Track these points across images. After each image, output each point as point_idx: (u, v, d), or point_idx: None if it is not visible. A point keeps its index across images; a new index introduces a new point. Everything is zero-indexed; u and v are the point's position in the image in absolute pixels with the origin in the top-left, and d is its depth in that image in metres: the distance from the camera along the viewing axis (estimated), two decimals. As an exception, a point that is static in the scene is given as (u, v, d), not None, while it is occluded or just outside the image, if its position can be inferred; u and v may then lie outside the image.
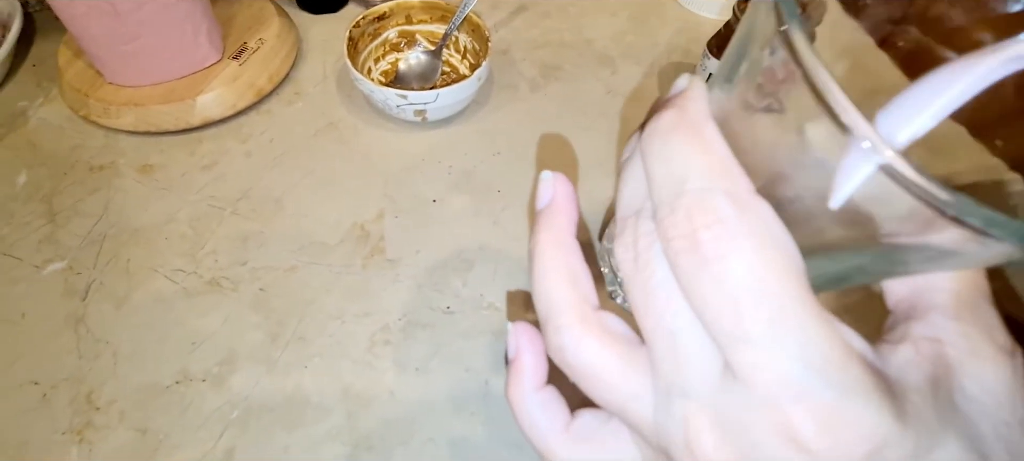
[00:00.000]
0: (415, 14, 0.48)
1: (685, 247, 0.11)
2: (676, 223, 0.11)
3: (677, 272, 0.11)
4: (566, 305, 0.14)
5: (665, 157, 0.12)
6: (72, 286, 0.37)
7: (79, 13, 0.38)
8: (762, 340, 0.10)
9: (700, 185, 0.11)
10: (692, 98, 0.12)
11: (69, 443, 0.31)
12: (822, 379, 0.10)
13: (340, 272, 0.38)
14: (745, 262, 0.10)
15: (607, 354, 0.13)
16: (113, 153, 0.43)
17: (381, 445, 0.31)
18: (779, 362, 0.10)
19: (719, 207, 0.11)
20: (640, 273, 0.12)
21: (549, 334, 0.14)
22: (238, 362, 0.34)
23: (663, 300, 0.12)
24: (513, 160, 0.44)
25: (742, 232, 0.11)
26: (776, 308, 0.10)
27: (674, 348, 0.12)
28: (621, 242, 0.13)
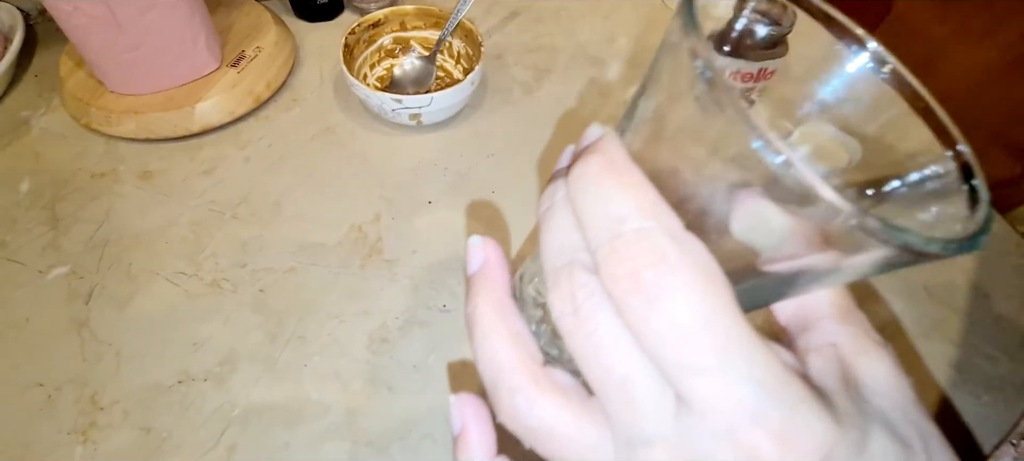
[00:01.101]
0: (409, 21, 0.49)
1: (631, 287, 0.11)
2: (619, 263, 0.11)
3: (625, 313, 0.11)
4: (514, 367, 0.13)
5: (599, 200, 0.12)
6: (75, 290, 0.37)
7: (81, 24, 0.39)
8: (714, 369, 0.11)
9: (637, 225, 0.11)
10: (612, 144, 0.12)
11: (74, 443, 0.32)
12: (772, 398, 0.11)
13: (338, 273, 0.38)
14: (689, 296, 0.11)
15: (561, 411, 0.13)
16: (114, 160, 0.44)
17: (380, 441, 0.32)
18: (733, 388, 0.11)
19: (659, 245, 0.11)
20: (583, 325, 0.12)
21: (501, 398, 0.14)
22: (239, 362, 0.35)
23: (610, 349, 0.12)
24: (507, 162, 0.45)
25: (683, 267, 0.11)
26: (723, 337, 0.11)
27: (627, 395, 0.12)
28: (557, 295, 0.13)
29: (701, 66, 0.10)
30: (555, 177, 0.14)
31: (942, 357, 0.36)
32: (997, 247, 0.42)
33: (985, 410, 0.34)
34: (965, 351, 0.37)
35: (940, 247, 0.10)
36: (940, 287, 0.39)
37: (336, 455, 0.32)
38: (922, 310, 0.38)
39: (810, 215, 0.10)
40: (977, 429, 0.34)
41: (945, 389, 0.35)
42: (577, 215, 0.12)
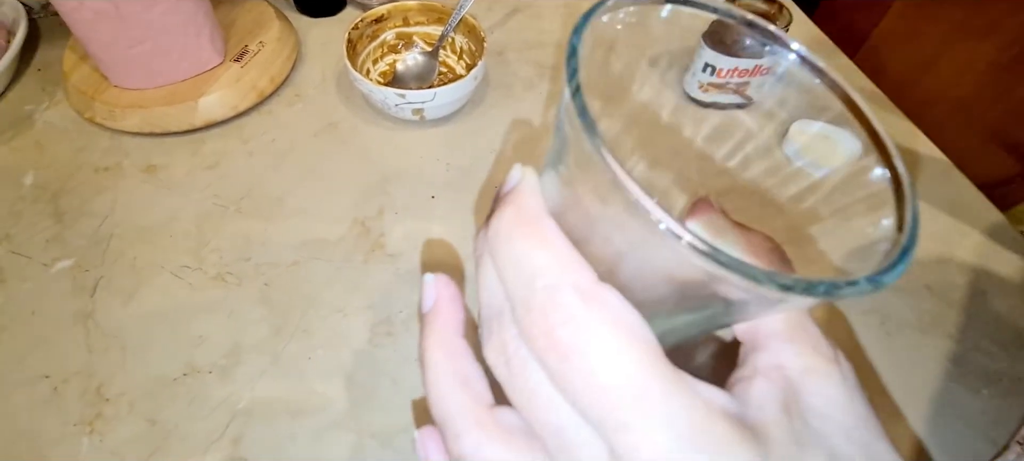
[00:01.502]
0: (412, 16, 0.49)
1: (546, 346, 0.11)
2: (533, 323, 0.11)
3: (546, 371, 0.12)
4: (460, 411, 0.14)
5: (512, 260, 0.12)
6: (80, 283, 0.37)
7: (86, 18, 0.39)
8: (633, 422, 0.11)
9: (548, 282, 0.11)
10: (526, 193, 0.13)
11: (80, 434, 0.32)
12: (692, 446, 0.11)
13: (342, 267, 0.39)
14: (602, 351, 0.11)
15: (508, 451, 0.13)
16: (118, 154, 0.44)
17: (384, 433, 0.32)
18: (652, 440, 0.11)
19: (569, 303, 0.11)
20: (515, 377, 0.12)
21: (449, 442, 0.14)
22: (243, 354, 0.35)
23: (543, 399, 0.12)
24: (509, 157, 0.45)
25: (594, 322, 0.11)
26: (638, 388, 0.11)
27: (563, 443, 0.12)
28: (490, 347, 0.13)
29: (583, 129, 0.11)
30: (485, 224, 0.14)
31: (941, 352, 0.37)
32: (995, 245, 0.42)
33: (983, 404, 0.35)
34: (964, 347, 0.37)
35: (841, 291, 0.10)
36: (940, 284, 0.40)
37: (341, 447, 0.32)
38: (922, 306, 0.39)
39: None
40: (976, 423, 0.34)
41: (944, 383, 0.36)
42: (496, 269, 0.13)
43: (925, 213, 0.44)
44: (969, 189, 0.45)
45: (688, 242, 0.10)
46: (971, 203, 0.45)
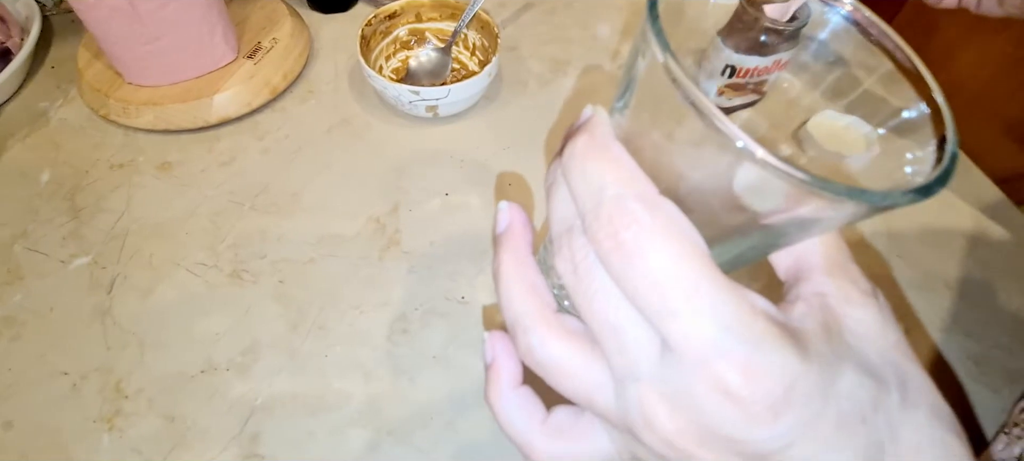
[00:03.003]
0: (425, 12, 0.49)
1: (612, 247, 0.13)
2: (601, 228, 0.13)
3: (609, 270, 0.13)
4: (530, 311, 0.15)
5: (584, 175, 0.14)
6: (98, 280, 0.38)
7: (101, 16, 0.39)
8: (684, 312, 0.12)
9: (615, 192, 0.13)
10: (597, 124, 0.14)
11: (100, 430, 0.32)
12: (735, 336, 0.12)
13: (357, 264, 0.39)
14: (661, 252, 0.12)
15: (570, 350, 0.15)
16: (133, 151, 0.44)
17: (402, 430, 0.32)
18: (701, 328, 0.12)
19: (634, 210, 0.13)
20: (581, 282, 0.14)
21: (518, 338, 0.15)
22: (261, 351, 0.35)
23: (603, 301, 0.13)
24: (523, 154, 0.45)
25: (655, 228, 0.12)
26: (691, 285, 0.12)
27: (619, 340, 0.13)
28: (560, 258, 0.14)
29: (663, 58, 0.12)
30: (556, 156, 0.16)
31: (961, 350, 0.37)
32: (1013, 240, 0.42)
33: (1004, 403, 0.34)
34: (983, 344, 0.37)
35: (894, 199, 0.12)
36: (959, 281, 0.39)
37: (358, 443, 0.32)
38: (941, 304, 0.38)
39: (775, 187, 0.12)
40: (997, 422, 0.34)
41: (964, 381, 0.35)
42: (569, 189, 0.14)
43: (943, 209, 0.43)
44: (987, 184, 0.45)
45: (762, 156, 0.11)
46: (989, 199, 0.44)
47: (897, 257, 0.40)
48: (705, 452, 0.13)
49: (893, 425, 0.14)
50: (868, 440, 0.13)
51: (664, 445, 0.14)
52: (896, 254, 0.41)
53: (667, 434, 0.13)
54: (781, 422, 0.12)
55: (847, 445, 0.13)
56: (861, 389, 0.13)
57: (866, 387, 0.13)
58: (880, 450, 0.13)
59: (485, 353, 0.18)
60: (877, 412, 0.13)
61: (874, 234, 0.42)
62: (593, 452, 0.16)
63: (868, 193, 0.11)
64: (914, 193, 0.12)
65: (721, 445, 0.13)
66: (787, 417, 0.12)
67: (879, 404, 0.13)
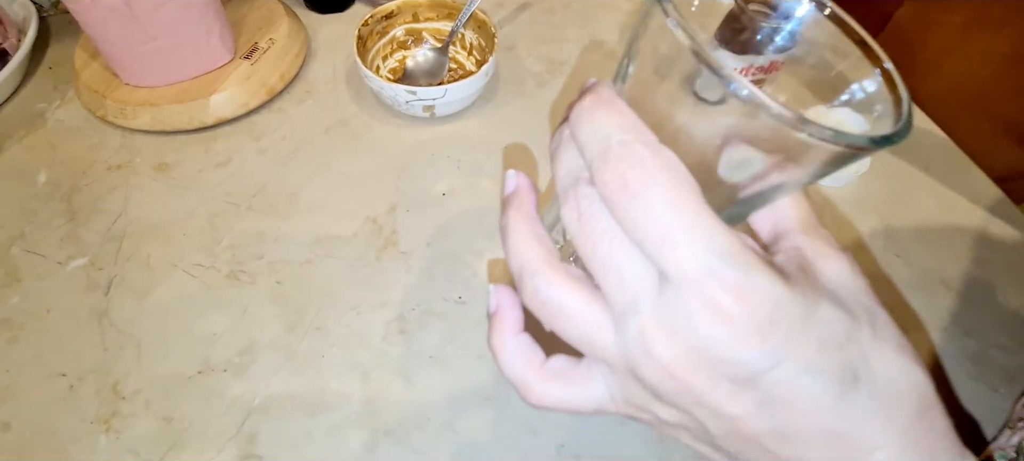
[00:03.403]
0: (422, 12, 0.49)
1: (617, 187, 0.14)
2: (608, 170, 0.14)
3: (613, 209, 0.14)
4: (536, 257, 0.16)
5: (592, 126, 0.15)
6: (95, 281, 0.38)
7: (98, 17, 0.39)
8: (683, 243, 0.14)
9: (621, 139, 0.14)
10: (603, 86, 0.16)
11: (97, 431, 0.32)
12: (728, 262, 0.14)
13: (355, 264, 0.39)
14: (662, 190, 0.14)
15: (572, 292, 0.16)
16: (130, 152, 0.44)
17: (399, 430, 0.32)
18: (697, 256, 0.13)
19: (638, 152, 0.14)
20: (585, 226, 0.15)
21: (525, 282, 0.17)
22: (258, 352, 0.35)
23: (606, 242, 0.15)
24: (520, 153, 0.45)
25: (657, 168, 0.14)
26: (689, 218, 0.14)
27: (619, 277, 0.15)
28: (566, 208, 0.16)
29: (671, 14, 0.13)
30: (561, 124, 0.17)
31: (959, 350, 0.36)
32: (1012, 239, 0.42)
33: (1003, 402, 0.34)
34: (981, 344, 0.37)
35: (873, 142, 0.13)
36: (957, 280, 0.39)
37: (356, 444, 0.32)
38: (939, 303, 0.38)
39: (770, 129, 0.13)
40: (995, 420, 0.34)
41: (963, 381, 0.35)
42: (577, 142, 0.16)
43: (941, 207, 0.43)
44: (985, 183, 0.45)
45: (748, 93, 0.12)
46: (987, 197, 0.44)
47: (896, 257, 0.40)
48: (699, 378, 0.14)
49: (865, 355, 0.15)
50: (844, 366, 0.15)
51: (662, 373, 0.15)
52: (895, 254, 0.41)
53: (665, 361, 0.14)
54: (768, 342, 0.14)
55: (826, 368, 0.14)
56: (837, 321, 0.15)
57: (841, 320, 0.15)
58: (855, 377, 0.15)
59: (489, 303, 0.19)
60: (851, 342, 0.15)
61: (873, 234, 0.42)
62: (587, 396, 0.17)
63: (843, 134, 0.13)
64: (882, 138, 0.14)
65: (714, 370, 0.14)
66: (773, 338, 0.14)
67: (852, 335, 0.15)
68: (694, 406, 0.15)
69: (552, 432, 0.32)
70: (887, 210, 0.43)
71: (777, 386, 0.14)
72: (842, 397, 0.14)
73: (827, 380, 0.14)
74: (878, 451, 0.15)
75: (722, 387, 0.14)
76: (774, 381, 0.14)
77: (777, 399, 0.14)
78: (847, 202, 0.43)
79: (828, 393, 0.14)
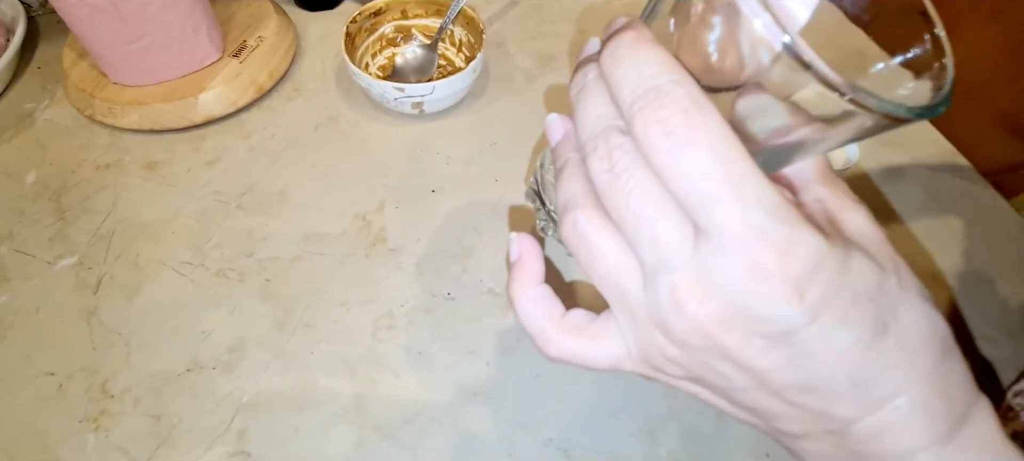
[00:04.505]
0: (410, 9, 0.49)
1: (661, 133, 0.13)
2: (652, 112, 0.13)
3: (655, 158, 0.14)
4: (583, 191, 0.16)
5: (635, 62, 0.14)
6: (83, 280, 0.38)
7: (84, 15, 0.39)
8: (732, 200, 0.13)
9: (671, 78, 0.13)
10: (640, 25, 0.15)
11: (86, 430, 0.32)
12: (775, 220, 0.13)
13: (344, 261, 0.39)
14: (713, 140, 0.13)
15: (610, 234, 0.15)
16: (119, 151, 0.44)
17: (388, 426, 0.33)
18: (745, 213, 0.13)
19: (686, 95, 0.13)
20: (618, 178, 0.14)
21: (567, 214, 0.16)
22: (247, 349, 0.35)
23: (641, 197, 0.14)
24: (509, 150, 0.45)
25: (706, 115, 0.13)
26: (740, 173, 0.13)
27: (653, 233, 0.14)
28: (595, 158, 0.15)
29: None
30: (583, 64, 0.16)
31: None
32: (1002, 232, 0.42)
33: (988, 392, 0.34)
34: (969, 335, 0.37)
35: (915, 113, 0.13)
36: (946, 273, 0.40)
37: (344, 440, 0.32)
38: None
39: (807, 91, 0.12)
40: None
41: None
42: (611, 83, 0.14)
43: (931, 202, 0.43)
44: (975, 177, 0.45)
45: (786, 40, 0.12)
46: (977, 191, 0.44)
47: (883, 248, 0.41)
48: (731, 335, 0.14)
49: (894, 304, 0.15)
50: (875, 317, 0.14)
51: (693, 331, 0.14)
52: (882, 245, 0.41)
53: (698, 318, 0.14)
54: (806, 299, 0.13)
55: (858, 321, 0.14)
56: (869, 272, 0.15)
57: (872, 270, 0.15)
58: (884, 327, 0.15)
59: (511, 252, 0.19)
60: (881, 293, 0.15)
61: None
62: (604, 351, 0.17)
63: (883, 100, 0.12)
64: (924, 109, 0.13)
65: (748, 326, 0.14)
66: (811, 294, 0.13)
67: (882, 286, 0.15)
68: (721, 362, 0.15)
69: (541, 427, 0.33)
70: (875, 201, 0.43)
71: (810, 341, 0.14)
72: (871, 347, 0.14)
73: (860, 332, 0.14)
74: (900, 396, 0.15)
75: (754, 344, 0.14)
76: (808, 337, 0.14)
77: (808, 353, 0.14)
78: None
79: (859, 345, 0.14)
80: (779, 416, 0.16)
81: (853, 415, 0.15)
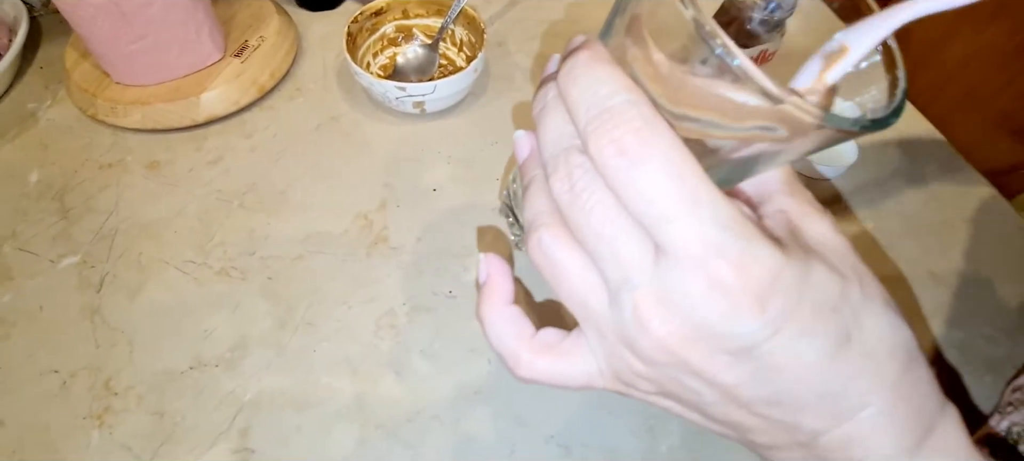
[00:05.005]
0: (412, 9, 0.49)
1: (615, 152, 0.13)
2: (606, 133, 0.13)
3: (610, 177, 0.14)
4: (548, 211, 0.16)
5: (588, 83, 0.14)
6: (87, 279, 0.38)
7: (87, 15, 0.40)
8: (687, 217, 0.13)
9: (624, 98, 0.14)
10: (595, 43, 0.15)
11: (90, 427, 0.32)
12: (731, 234, 0.13)
13: (345, 260, 0.39)
14: (664, 157, 0.13)
15: (574, 252, 0.15)
16: (121, 151, 0.44)
17: (389, 423, 0.33)
18: (700, 229, 0.13)
19: (639, 115, 0.13)
20: (578, 198, 0.14)
21: (532, 233, 0.16)
22: (249, 347, 0.35)
23: (601, 215, 0.14)
24: (509, 149, 0.45)
25: (659, 135, 0.13)
26: (691, 189, 0.13)
27: (614, 250, 0.14)
28: (556, 178, 0.15)
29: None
30: (544, 82, 0.16)
31: (946, 340, 0.37)
32: (1000, 232, 0.42)
33: (987, 390, 0.35)
34: (968, 334, 0.37)
35: (862, 126, 0.13)
36: (944, 272, 0.40)
37: (346, 437, 0.32)
38: (927, 294, 0.39)
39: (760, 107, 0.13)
40: (983, 407, 0.34)
41: (949, 370, 0.36)
42: (568, 103, 0.15)
43: (931, 202, 0.44)
44: (974, 176, 0.45)
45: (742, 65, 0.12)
46: (976, 191, 0.44)
47: (883, 248, 0.41)
48: (695, 352, 0.14)
49: (857, 313, 0.15)
50: (838, 328, 0.14)
51: (657, 348, 0.14)
52: (883, 244, 0.41)
53: (661, 336, 0.14)
54: (767, 313, 0.13)
55: (821, 332, 0.14)
56: (830, 283, 0.14)
57: (834, 281, 0.15)
58: (847, 337, 0.15)
59: (479, 273, 0.19)
60: (844, 303, 0.15)
61: (860, 225, 0.42)
62: (576, 370, 0.17)
63: (833, 116, 0.12)
64: (872, 122, 0.13)
65: (711, 343, 0.14)
66: (772, 308, 0.13)
67: (845, 296, 0.15)
68: (688, 377, 0.15)
69: (541, 424, 0.33)
70: (875, 202, 0.43)
71: (774, 354, 0.14)
72: (835, 358, 0.14)
73: (823, 343, 0.14)
74: (868, 407, 0.15)
75: (718, 359, 0.14)
76: (771, 350, 0.14)
77: (773, 367, 0.14)
78: (836, 193, 0.43)
79: (823, 356, 0.14)
80: (750, 429, 0.16)
81: (821, 426, 0.15)
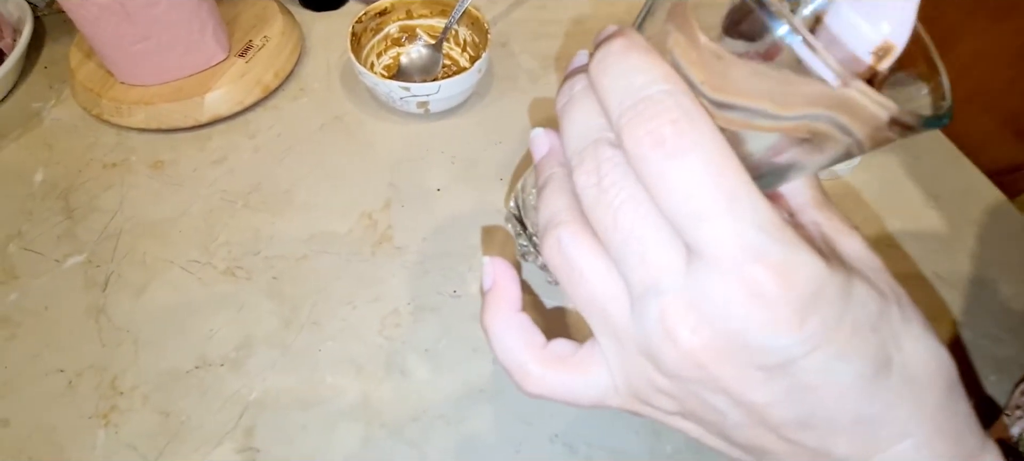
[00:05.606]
0: (415, 9, 0.49)
1: (652, 143, 0.12)
2: (642, 123, 0.12)
3: (644, 169, 0.13)
4: (567, 208, 0.15)
5: (624, 70, 0.13)
6: (92, 278, 0.38)
7: (91, 15, 0.40)
8: (724, 215, 0.12)
9: (662, 88, 0.13)
10: (630, 31, 0.14)
11: (96, 426, 0.32)
12: (772, 239, 0.12)
13: (350, 259, 0.39)
14: (705, 152, 0.12)
15: (595, 254, 0.14)
16: (126, 150, 0.44)
17: (394, 423, 0.33)
18: (740, 231, 0.12)
19: (677, 105, 0.12)
20: (606, 194, 0.13)
21: (549, 232, 0.15)
22: (255, 347, 0.35)
23: (630, 213, 0.13)
24: (514, 149, 0.45)
25: (699, 127, 0.12)
26: (732, 188, 0.12)
27: (643, 253, 0.13)
28: (582, 172, 0.14)
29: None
30: (570, 75, 0.15)
31: (950, 340, 0.37)
32: (1006, 232, 0.42)
33: (992, 390, 0.35)
34: (972, 333, 0.37)
35: (923, 122, 0.13)
36: (948, 272, 0.40)
37: (351, 436, 0.32)
38: (931, 296, 0.39)
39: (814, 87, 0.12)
40: (985, 406, 0.34)
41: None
42: (599, 92, 0.14)
43: (934, 202, 0.43)
44: (978, 176, 0.45)
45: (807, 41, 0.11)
46: (980, 190, 0.44)
47: (887, 248, 0.41)
48: (726, 366, 0.13)
49: (897, 336, 0.14)
50: (878, 350, 0.13)
51: (683, 361, 0.13)
52: (886, 245, 0.41)
53: (690, 348, 0.13)
54: (806, 327, 0.12)
55: (859, 353, 0.13)
56: (871, 300, 0.13)
57: (874, 299, 0.14)
58: (888, 360, 0.14)
59: (484, 278, 0.17)
60: (883, 323, 0.14)
61: (864, 226, 0.42)
62: (590, 385, 0.16)
63: (893, 106, 0.12)
64: (931, 119, 0.13)
65: (743, 358, 0.13)
66: (811, 322, 0.12)
67: (884, 315, 0.14)
68: (714, 395, 0.14)
69: (546, 423, 0.33)
70: (879, 202, 0.43)
71: (810, 373, 0.13)
72: (874, 381, 0.13)
73: (862, 365, 0.13)
74: (907, 438, 0.14)
75: (750, 375, 0.13)
76: (807, 368, 0.13)
77: (807, 386, 0.13)
78: (839, 194, 0.43)
79: (862, 378, 0.13)
80: (776, 455, 0.15)
81: (853, 455, 0.14)
